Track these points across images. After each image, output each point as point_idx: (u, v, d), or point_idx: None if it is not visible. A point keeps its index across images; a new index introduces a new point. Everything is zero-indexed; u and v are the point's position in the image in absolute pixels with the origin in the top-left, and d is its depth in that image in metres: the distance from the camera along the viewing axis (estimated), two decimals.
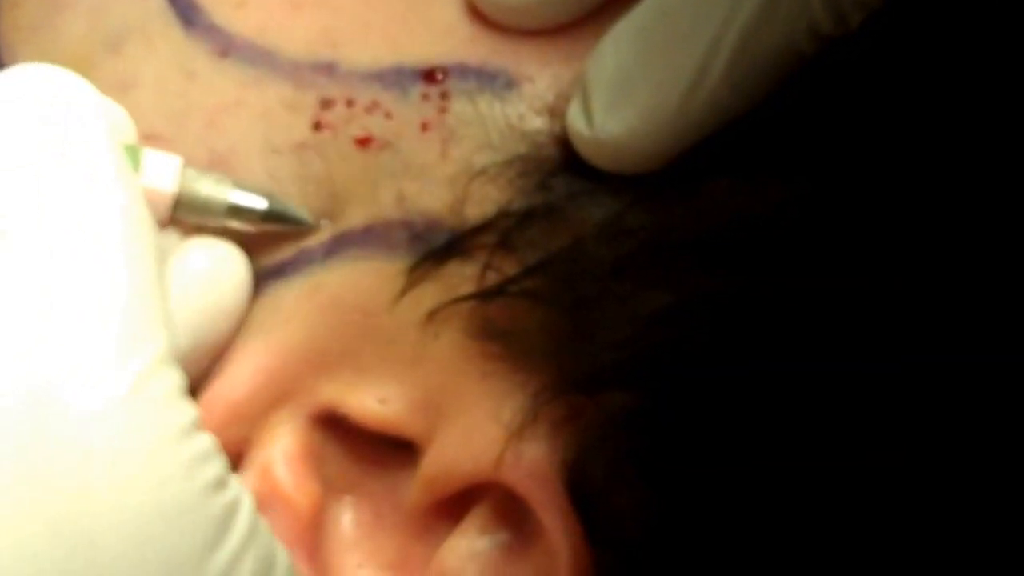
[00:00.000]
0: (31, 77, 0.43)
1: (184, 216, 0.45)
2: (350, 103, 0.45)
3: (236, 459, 0.45)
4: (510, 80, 0.45)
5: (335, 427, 0.46)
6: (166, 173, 0.44)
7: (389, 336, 0.45)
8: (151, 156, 0.44)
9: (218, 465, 0.40)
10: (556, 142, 0.44)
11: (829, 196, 0.43)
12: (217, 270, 0.45)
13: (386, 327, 0.45)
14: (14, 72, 0.43)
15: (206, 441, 0.41)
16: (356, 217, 0.45)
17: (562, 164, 0.44)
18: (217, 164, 0.45)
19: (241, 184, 0.45)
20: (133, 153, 0.44)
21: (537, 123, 0.45)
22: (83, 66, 0.46)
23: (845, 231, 0.43)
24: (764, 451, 0.43)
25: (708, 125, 0.43)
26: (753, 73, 0.42)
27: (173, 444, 0.40)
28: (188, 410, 0.40)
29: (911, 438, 0.44)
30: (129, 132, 0.45)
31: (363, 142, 0.45)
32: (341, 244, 0.45)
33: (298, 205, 0.45)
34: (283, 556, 0.41)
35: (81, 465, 0.38)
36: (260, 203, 0.45)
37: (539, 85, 0.45)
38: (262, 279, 0.46)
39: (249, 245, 0.46)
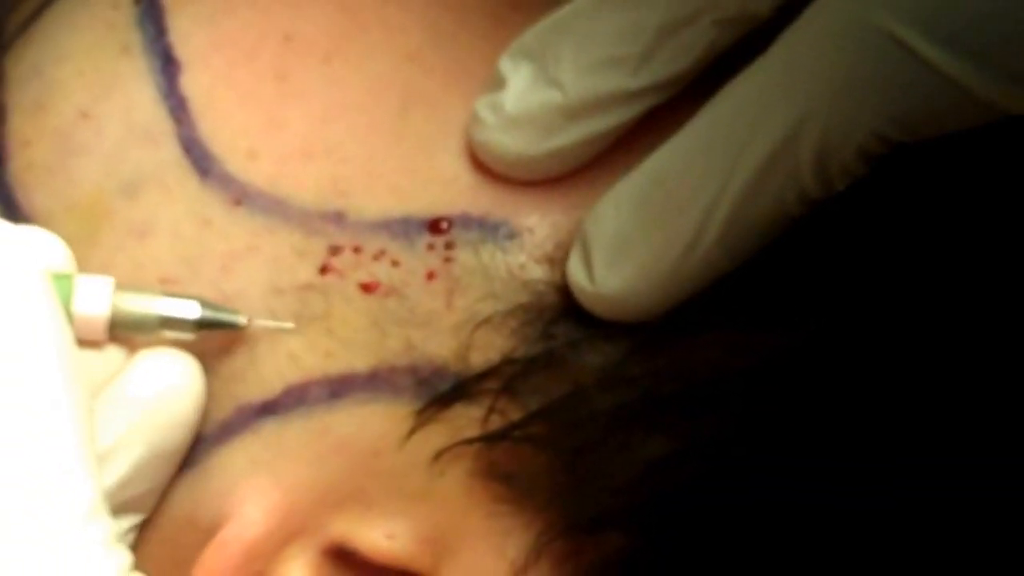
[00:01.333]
0: None
1: (122, 333, 0.46)
2: (357, 250, 0.47)
3: None
4: (512, 230, 0.46)
5: (345, 559, 0.47)
6: (98, 297, 0.45)
7: (396, 474, 0.46)
8: (82, 282, 0.45)
9: None
10: (556, 290, 0.46)
11: (817, 346, 0.45)
12: (169, 383, 0.46)
13: (394, 466, 0.46)
14: None
15: None
16: (361, 361, 0.46)
17: (562, 312, 0.46)
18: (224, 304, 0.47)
19: (173, 294, 0.46)
20: (64, 282, 0.45)
21: (538, 272, 0.46)
22: (99, 211, 0.47)
23: (831, 379, 0.45)
24: None
25: (702, 282, 0.44)
26: (745, 236, 0.44)
27: None
28: (123, 557, 0.42)
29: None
30: (62, 258, 0.45)
31: (368, 287, 0.46)
32: (346, 387, 0.46)
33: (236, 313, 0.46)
34: None
35: None
36: (192, 312, 0.46)
37: (539, 235, 0.46)
38: (250, 415, 0.47)
39: (230, 380, 0.47)
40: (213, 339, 0.46)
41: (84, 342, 0.45)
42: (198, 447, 0.47)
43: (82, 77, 0.49)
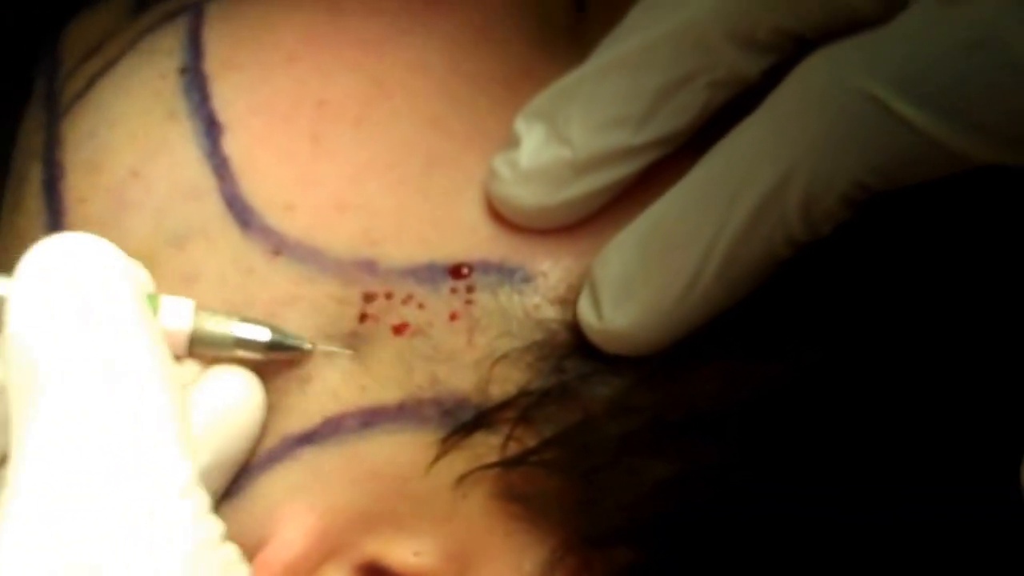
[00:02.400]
0: (66, 246, 0.45)
1: (199, 350, 0.47)
2: (388, 296, 0.48)
3: None
4: (527, 275, 0.48)
5: (376, 575, 0.48)
6: (181, 315, 0.47)
7: (423, 497, 0.48)
8: (167, 301, 0.47)
9: (244, 572, 0.43)
10: (568, 329, 0.48)
11: (809, 377, 0.47)
12: (235, 397, 0.47)
13: (421, 489, 0.48)
14: (52, 243, 0.45)
15: (233, 551, 0.43)
16: (390, 394, 0.48)
17: (573, 348, 0.47)
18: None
19: (247, 319, 0.48)
20: (152, 301, 0.46)
21: (551, 312, 0.48)
22: (149, 261, 0.49)
23: (823, 407, 0.47)
24: None
25: (701, 319, 0.46)
26: (740, 276, 0.45)
27: (208, 551, 0.42)
28: (217, 525, 0.43)
29: None
30: (149, 284, 0.47)
31: (399, 329, 0.48)
32: (377, 418, 0.48)
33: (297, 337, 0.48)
34: None
35: None
36: (263, 335, 0.47)
37: (551, 279, 0.48)
38: (292, 444, 0.48)
39: (277, 413, 0.48)
40: (278, 362, 0.48)
41: None
42: (243, 475, 0.48)
43: (133, 140, 0.51)
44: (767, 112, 0.45)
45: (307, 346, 0.48)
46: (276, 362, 0.48)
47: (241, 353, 0.47)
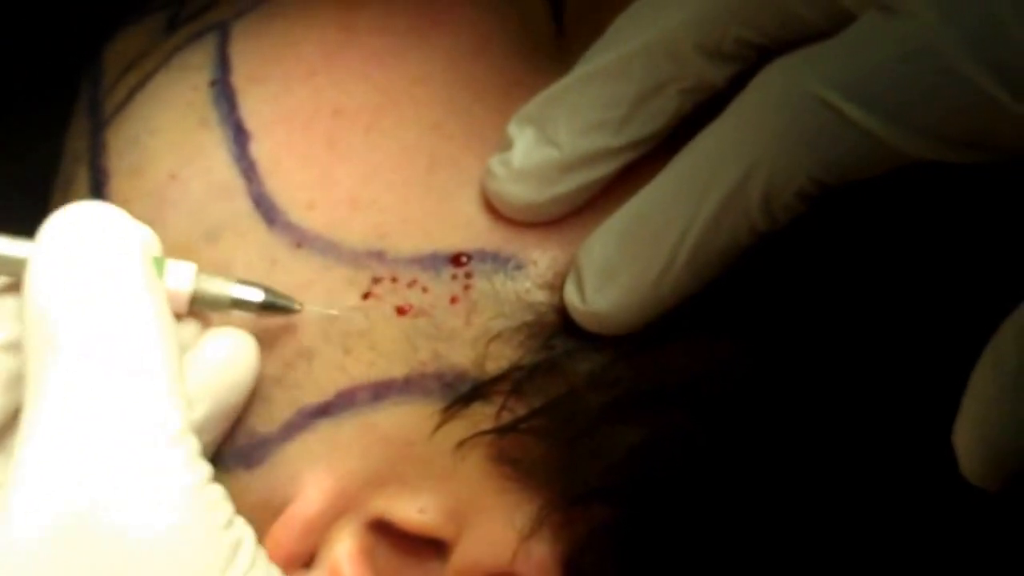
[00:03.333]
0: (84, 213, 0.47)
1: (199, 308, 0.50)
2: (394, 280, 0.51)
3: (309, 560, 0.51)
4: (519, 263, 0.51)
5: (385, 530, 0.51)
6: (183, 277, 0.49)
7: (427, 460, 0.50)
8: (172, 265, 0.49)
9: (228, 509, 0.46)
10: (555, 311, 0.50)
11: (767, 352, 0.49)
12: (232, 353, 0.49)
13: (424, 454, 0.50)
14: (70, 210, 0.47)
15: (218, 490, 0.46)
16: (397, 369, 0.50)
17: (560, 328, 0.50)
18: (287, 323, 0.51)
19: (244, 281, 0.50)
20: (159, 263, 0.48)
21: (540, 296, 0.50)
22: (186, 254, 0.51)
23: (776, 379, 0.49)
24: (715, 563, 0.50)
25: (673, 301, 0.48)
26: (708, 263, 0.47)
27: (197, 491, 0.45)
28: (204, 468, 0.45)
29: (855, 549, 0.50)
30: (156, 247, 0.49)
31: (403, 310, 0.51)
32: (386, 390, 0.50)
33: (285, 298, 0.50)
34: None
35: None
36: (257, 296, 0.50)
37: (541, 266, 0.50)
38: (308, 416, 0.50)
39: (291, 388, 0.51)
40: (282, 337, 0.51)
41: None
42: (267, 446, 0.51)
43: (171, 147, 0.53)
44: (731, 116, 0.47)
45: (297, 307, 0.50)
46: (281, 338, 0.51)
47: (237, 313, 0.50)
